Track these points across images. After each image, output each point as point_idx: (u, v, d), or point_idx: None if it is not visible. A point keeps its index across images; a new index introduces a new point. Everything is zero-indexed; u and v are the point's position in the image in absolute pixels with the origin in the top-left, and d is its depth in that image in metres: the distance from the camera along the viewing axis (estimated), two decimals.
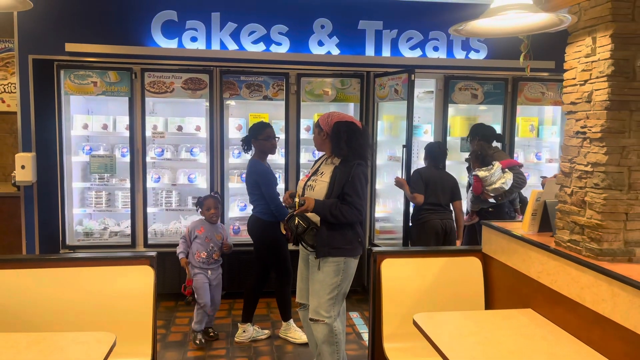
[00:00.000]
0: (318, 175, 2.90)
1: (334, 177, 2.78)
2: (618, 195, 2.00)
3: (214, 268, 3.75)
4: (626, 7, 1.94)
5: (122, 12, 4.37)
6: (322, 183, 2.84)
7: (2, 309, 2.43)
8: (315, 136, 2.95)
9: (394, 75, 4.40)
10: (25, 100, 4.29)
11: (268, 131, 3.67)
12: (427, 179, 3.98)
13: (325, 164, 2.92)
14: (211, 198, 3.76)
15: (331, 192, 2.77)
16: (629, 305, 1.78)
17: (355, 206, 2.73)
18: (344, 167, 2.78)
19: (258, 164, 3.68)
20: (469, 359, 1.88)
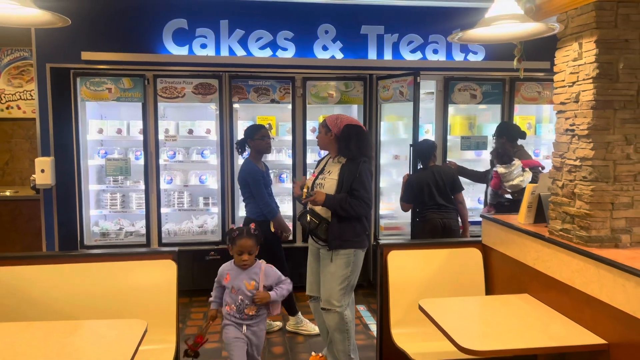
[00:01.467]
0: (326, 173, 3.07)
1: (342, 174, 2.96)
2: (604, 187, 2.19)
3: (253, 324, 2.70)
4: (609, 15, 2.13)
5: (134, 21, 4.57)
6: (331, 181, 3.01)
7: (42, 301, 2.63)
8: (322, 136, 3.10)
9: (399, 78, 4.60)
10: (44, 107, 4.49)
11: (262, 131, 3.86)
12: (418, 184, 4.03)
13: (332, 163, 3.09)
14: (248, 238, 2.68)
15: (340, 188, 2.94)
16: (614, 285, 1.97)
17: (364, 200, 2.92)
18: (351, 165, 2.97)
19: (249, 164, 3.84)
20: (471, 337, 2.06)
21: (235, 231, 2.72)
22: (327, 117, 3.12)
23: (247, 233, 2.70)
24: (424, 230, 4.06)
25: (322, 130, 3.11)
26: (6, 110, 5.50)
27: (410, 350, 2.65)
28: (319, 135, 3.14)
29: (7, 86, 5.48)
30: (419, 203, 4.09)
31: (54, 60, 4.43)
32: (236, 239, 2.69)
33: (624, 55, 2.14)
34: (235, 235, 2.70)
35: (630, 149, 2.19)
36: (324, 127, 3.09)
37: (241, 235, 2.69)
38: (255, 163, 3.87)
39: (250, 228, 2.73)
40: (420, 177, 4.08)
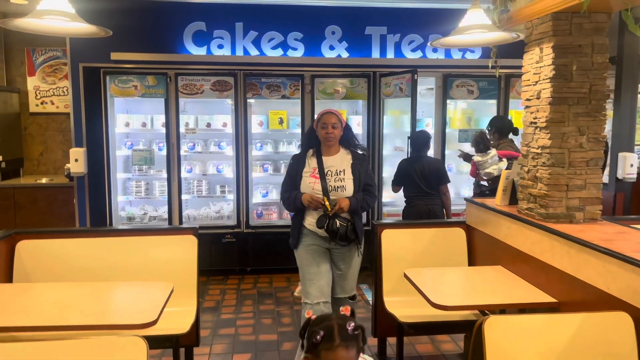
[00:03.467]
0: (338, 174, 3.02)
1: (356, 173, 3.02)
2: (560, 171, 2.56)
3: None
4: (564, 25, 2.49)
5: (158, 24, 5.02)
6: (349, 181, 3.01)
7: (82, 267, 3.08)
8: (339, 131, 3.03)
9: (399, 75, 4.98)
10: (77, 103, 4.97)
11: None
12: (407, 171, 4.34)
13: (334, 160, 3.04)
14: (343, 348, 1.58)
15: (358, 187, 3.01)
16: (562, 253, 2.35)
17: (375, 194, 3.12)
18: (360, 161, 3.07)
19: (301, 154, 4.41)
20: (442, 296, 2.46)
21: (320, 332, 1.59)
22: (334, 111, 3.08)
23: (343, 338, 1.58)
24: (410, 215, 4.38)
25: (339, 126, 3.03)
26: (41, 105, 6.01)
27: (399, 314, 3.06)
28: (336, 132, 3.02)
29: (42, 83, 5.99)
30: (406, 189, 4.43)
31: (86, 60, 4.90)
32: (327, 350, 1.57)
33: (577, 59, 2.51)
34: (320, 340, 1.58)
35: (583, 139, 2.56)
36: (339, 121, 3.04)
37: (329, 331, 1.59)
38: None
39: (348, 324, 1.62)
40: (409, 165, 4.36)
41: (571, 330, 1.90)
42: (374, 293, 3.46)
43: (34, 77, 5.97)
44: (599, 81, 2.53)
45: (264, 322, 4.08)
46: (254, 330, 3.91)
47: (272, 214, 5.39)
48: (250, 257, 5.21)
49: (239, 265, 5.22)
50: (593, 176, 2.58)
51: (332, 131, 3.00)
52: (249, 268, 5.23)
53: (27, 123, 6.01)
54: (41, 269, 3.05)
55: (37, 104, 6.00)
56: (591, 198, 2.60)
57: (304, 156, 3.12)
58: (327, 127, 3.01)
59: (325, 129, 3.02)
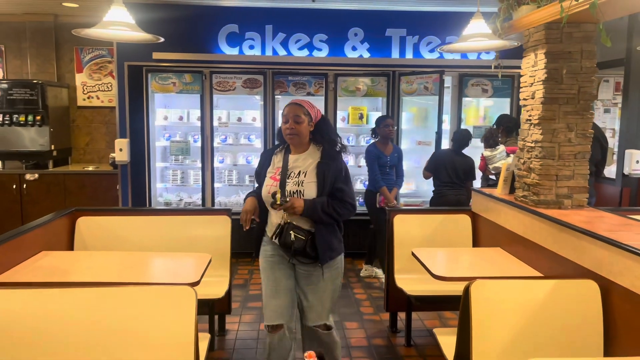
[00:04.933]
0: (298, 176, 2.51)
1: (321, 175, 2.49)
2: (550, 163, 2.90)
3: None
4: (556, 33, 2.82)
5: (195, 26, 5.48)
6: (309, 185, 2.49)
7: (127, 239, 3.55)
8: (305, 127, 2.51)
9: (424, 75, 5.36)
10: (122, 98, 5.48)
11: (387, 121, 4.82)
12: (440, 161, 4.80)
13: (298, 160, 2.56)
14: None
15: (322, 192, 2.48)
16: (548, 234, 2.70)
17: (349, 201, 2.54)
18: (330, 161, 2.51)
19: (369, 146, 4.88)
20: (442, 269, 2.83)
21: None
22: (302, 102, 2.58)
23: None
24: (439, 204, 4.80)
25: (304, 120, 2.50)
26: (87, 99, 6.56)
27: (407, 289, 3.44)
28: (298, 127, 2.49)
29: (89, 79, 6.53)
30: (437, 179, 4.84)
31: (130, 59, 5.39)
32: None
33: (567, 64, 2.84)
34: None
35: (572, 135, 2.89)
36: (307, 115, 2.52)
37: None
38: (379, 145, 4.84)
39: None
40: (443, 156, 4.86)
41: (546, 294, 2.26)
42: (386, 272, 3.84)
43: (82, 74, 6.52)
44: (587, 83, 2.85)
45: None
46: None
47: None
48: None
49: None
50: (580, 168, 2.91)
51: (293, 126, 2.48)
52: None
53: (75, 116, 6.58)
54: (96, 240, 3.53)
55: (84, 98, 6.56)
56: (578, 187, 2.93)
57: (272, 154, 2.66)
58: (288, 120, 2.51)
59: (286, 122, 2.51)
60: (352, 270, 5.29)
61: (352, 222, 5.62)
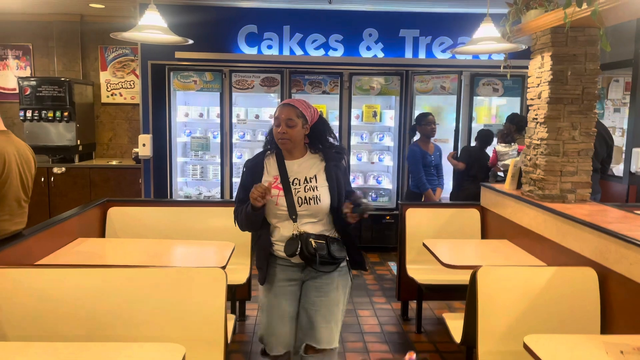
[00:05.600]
0: (310, 181, 2.30)
1: (332, 179, 2.31)
2: (555, 159, 3.07)
3: None
4: (561, 37, 2.99)
5: (216, 27, 5.69)
6: (323, 189, 2.30)
7: (159, 230, 3.78)
8: (298, 129, 2.26)
9: (441, 75, 5.55)
10: (145, 95, 5.72)
11: (429, 118, 4.80)
12: (473, 155, 5.10)
13: (301, 165, 2.34)
14: None
15: (334, 195, 2.31)
16: (552, 226, 2.87)
17: None
18: (336, 162, 2.36)
19: (412, 146, 4.91)
20: (450, 258, 3.01)
21: None
22: (295, 102, 2.31)
23: None
24: (458, 197, 5.00)
25: (298, 123, 2.26)
26: (111, 96, 6.82)
27: (418, 278, 3.63)
28: (290, 132, 2.25)
29: (112, 77, 6.79)
30: (460, 173, 5.06)
31: (154, 58, 5.63)
32: None
33: (571, 66, 3.00)
34: None
35: (576, 133, 3.06)
36: (300, 117, 2.27)
37: None
38: (422, 145, 4.83)
39: None
40: (474, 151, 5.17)
41: (547, 280, 2.44)
42: (398, 262, 4.04)
43: (106, 72, 6.78)
44: (591, 85, 3.02)
45: None
46: None
47: None
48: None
49: None
50: (583, 164, 3.08)
51: (285, 130, 2.25)
52: None
53: (99, 112, 6.84)
54: (125, 229, 3.76)
55: (107, 95, 6.82)
56: (581, 182, 3.10)
57: (261, 161, 2.38)
58: (279, 124, 2.27)
59: (278, 126, 2.28)
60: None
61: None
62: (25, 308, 2.28)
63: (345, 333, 3.74)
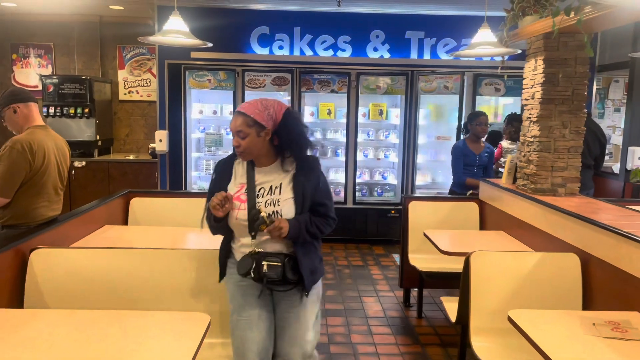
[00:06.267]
0: (273, 193, 2.12)
1: (300, 189, 2.12)
2: (547, 156, 3.31)
3: None
4: (553, 42, 3.22)
5: (230, 28, 5.96)
6: (287, 203, 2.12)
7: (178, 220, 4.04)
8: (252, 139, 2.07)
9: (444, 75, 5.78)
10: (162, 93, 6.00)
11: (480, 119, 4.64)
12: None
13: (270, 173, 2.17)
14: None
15: (301, 209, 2.13)
16: (542, 216, 3.11)
17: (332, 216, 2.23)
18: (307, 172, 2.15)
19: (458, 142, 4.83)
20: (448, 246, 3.25)
21: None
22: (247, 108, 2.09)
23: None
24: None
25: (250, 132, 2.06)
26: (128, 94, 7.12)
27: (419, 266, 3.88)
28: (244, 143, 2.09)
29: (130, 75, 7.09)
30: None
31: (170, 57, 5.90)
32: None
33: (562, 69, 3.23)
34: None
35: (566, 131, 3.29)
36: (253, 125, 2.06)
37: None
38: (469, 143, 4.67)
39: None
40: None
41: (534, 264, 2.68)
42: (401, 252, 4.29)
43: (123, 70, 7.08)
44: (580, 86, 3.25)
45: None
46: None
47: None
48: None
49: None
50: (573, 160, 3.31)
51: (238, 143, 2.10)
52: None
53: (116, 109, 7.15)
54: (146, 217, 4.04)
55: (125, 92, 7.12)
56: (571, 177, 3.33)
57: (231, 164, 2.25)
58: (233, 135, 2.13)
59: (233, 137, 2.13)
60: (369, 254, 5.74)
61: (371, 211, 6.10)
62: (62, 283, 2.55)
63: (350, 317, 4.00)
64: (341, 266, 5.30)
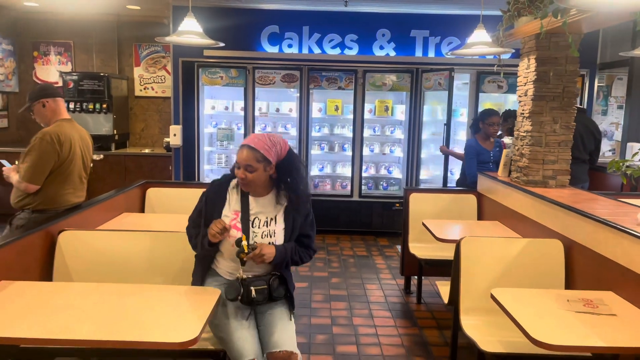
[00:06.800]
0: (269, 225, 2.29)
1: (290, 222, 2.30)
2: (538, 149, 3.50)
3: None
4: (545, 42, 3.40)
5: (241, 27, 6.20)
6: (280, 232, 2.29)
7: (190, 207, 4.30)
8: (259, 173, 2.20)
9: (438, 72, 5.95)
10: (176, 89, 6.26)
11: (492, 119, 4.58)
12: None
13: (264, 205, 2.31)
14: None
15: (288, 238, 2.31)
16: (532, 206, 3.31)
17: (313, 248, 2.42)
18: (296, 205, 2.30)
19: (469, 141, 4.78)
20: (444, 234, 3.46)
21: None
22: (257, 144, 2.19)
23: None
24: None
25: (258, 167, 2.19)
26: (143, 90, 7.40)
27: (418, 254, 4.10)
28: (250, 177, 2.20)
29: (145, 72, 7.37)
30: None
31: (184, 55, 6.15)
32: None
33: (553, 67, 3.42)
34: None
35: (557, 126, 3.48)
36: (262, 160, 2.18)
37: None
38: (481, 141, 4.67)
39: None
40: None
41: (520, 248, 2.88)
42: (402, 240, 4.50)
43: (139, 67, 7.36)
44: (571, 84, 3.43)
45: (317, 264, 5.22)
46: (309, 269, 5.06)
47: (327, 185, 6.52)
48: None
49: None
50: (563, 154, 3.50)
51: (245, 175, 2.20)
52: None
53: (132, 104, 7.43)
54: (161, 206, 4.30)
55: (140, 89, 7.40)
56: (561, 170, 3.52)
57: (225, 189, 2.35)
58: (239, 167, 2.24)
59: (238, 169, 2.25)
60: (374, 245, 5.96)
61: (376, 204, 6.31)
62: (86, 260, 2.80)
63: (353, 302, 4.23)
64: (346, 256, 5.53)
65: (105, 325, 1.93)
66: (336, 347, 3.43)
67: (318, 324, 3.79)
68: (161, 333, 1.89)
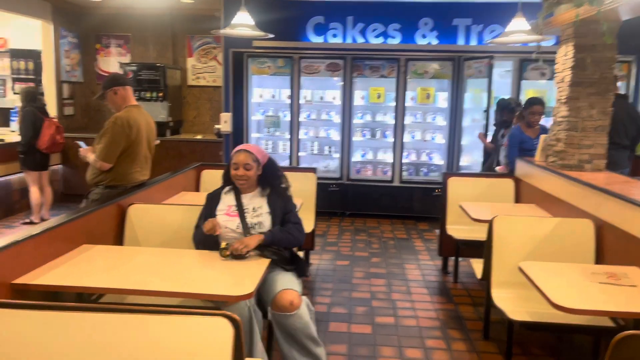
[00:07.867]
0: (256, 211, 2.77)
1: (273, 207, 2.78)
2: (574, 134, 3.60)
3: None
4: (583, 29, 3.49)
5: (288, 18, 6.47)
6: (266, 215, 2.75)
7: None
8: (254, 171, 2.77)
9: (479, 60, 6.04)
10: (227, 79, 6.62)
11: (534, 108, 4.56)
12: None
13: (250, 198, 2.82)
14: None
15: (274, 219, 2.76)
16: (566, 189, 3.43)
17: (297, 222, 2.82)
18: (277, 194, 2.84)
19: (513, 129, 4.83)
20: (479, 214, 3.62)
21: None
22: (251, 148, 2.82)
23: None
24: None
25: (253, 166, 2.76)
26: (196, 80, 7.83)
27: (456, 235, 4.28)
28: (249, 174, 2.76)
29: (197, 62, 7.79)
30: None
31: (234, 46, 6.49)
32: None
33: (591, 54, 3.51)
34: None
35: (593, 112, 3.57)
36: (255, 161, 2.78)
37: None
38: (525, 128, 4.71)
39: None
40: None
41: (551, 228, 3.04)
42: (441, 223, 4.69)
43: (192, 58, 7.78)
44: (608, 70, 3.51)
45: (359, 245, 5.48)
46: (351, 249, 5.33)
47: (368, 170, 6.75)
48: (349, 203, 6.62)
49: (340, 209, 6.65)
50: (599, 139, 3.59)
51: (243, 173, 2.75)
52: (348, 212, 6.66)
53: (185, 93, 7.88)
54: (215, 185, 4.54)
55: (193, 78, 7.83)
56: (598, 154, 3.61)
57: (219, 194, 2.91)
58: (238, 167, 2.76)
59: (236, 169, 2.77)
60: (414, 229, 6.15)
61: (417, 189, 6.49)
62: (152, 229, 3.15)
63: (392, 280, 4.47)
64: (387, 238, 5.76)
65: (171, 281, 2.27)
66: (375, 318, 3.69)
67: (358, 297, 4.05)
68: (223, 288, 2.21)
